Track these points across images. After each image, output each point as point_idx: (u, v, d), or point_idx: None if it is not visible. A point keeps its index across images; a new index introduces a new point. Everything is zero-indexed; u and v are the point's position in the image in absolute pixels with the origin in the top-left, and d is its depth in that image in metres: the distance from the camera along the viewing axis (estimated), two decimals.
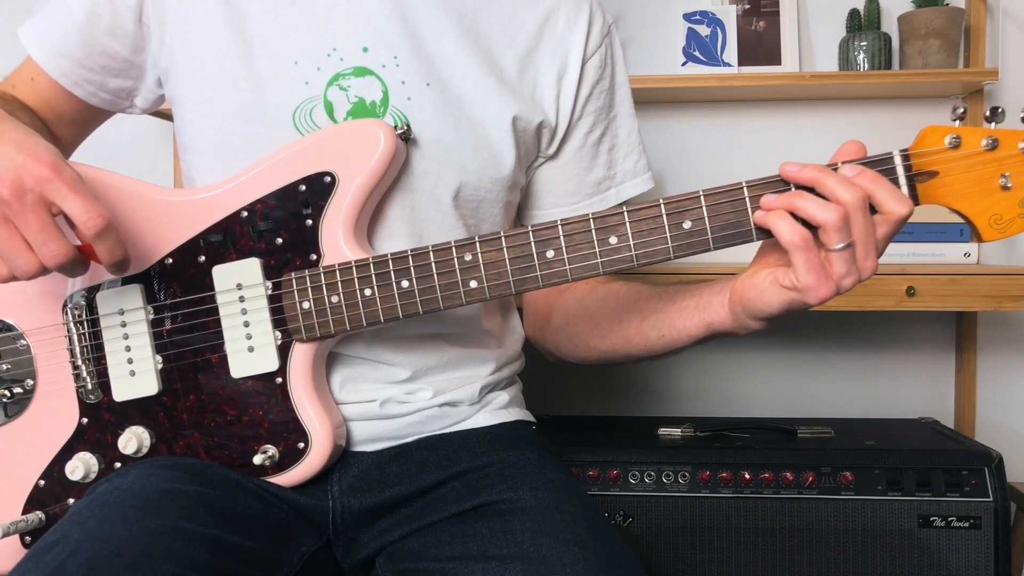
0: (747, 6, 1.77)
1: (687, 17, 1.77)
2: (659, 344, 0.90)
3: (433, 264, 0.79)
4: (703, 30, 1.76)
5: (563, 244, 0.77)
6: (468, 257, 0.79)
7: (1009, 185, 0.72)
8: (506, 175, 0.92)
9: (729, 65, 1.76)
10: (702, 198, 0.75)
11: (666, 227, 0.76)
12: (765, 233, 0.75)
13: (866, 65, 1.70)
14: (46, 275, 0.73)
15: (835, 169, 0.73)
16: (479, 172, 0.90)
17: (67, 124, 0.99)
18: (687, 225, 0.75)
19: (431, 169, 0.88)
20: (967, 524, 1.27)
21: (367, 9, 0.88)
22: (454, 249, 0.79)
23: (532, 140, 0.95)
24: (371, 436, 0.89)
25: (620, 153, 1.01)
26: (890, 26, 1.76)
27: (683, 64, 1.77)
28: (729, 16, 1.76)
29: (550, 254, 0.77)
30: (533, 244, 0.77)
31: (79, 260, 0.73)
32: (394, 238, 0.88)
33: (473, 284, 0.79)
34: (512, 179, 0.93)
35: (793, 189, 0.74)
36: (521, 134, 0.92)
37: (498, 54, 0.92)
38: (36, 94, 0.96)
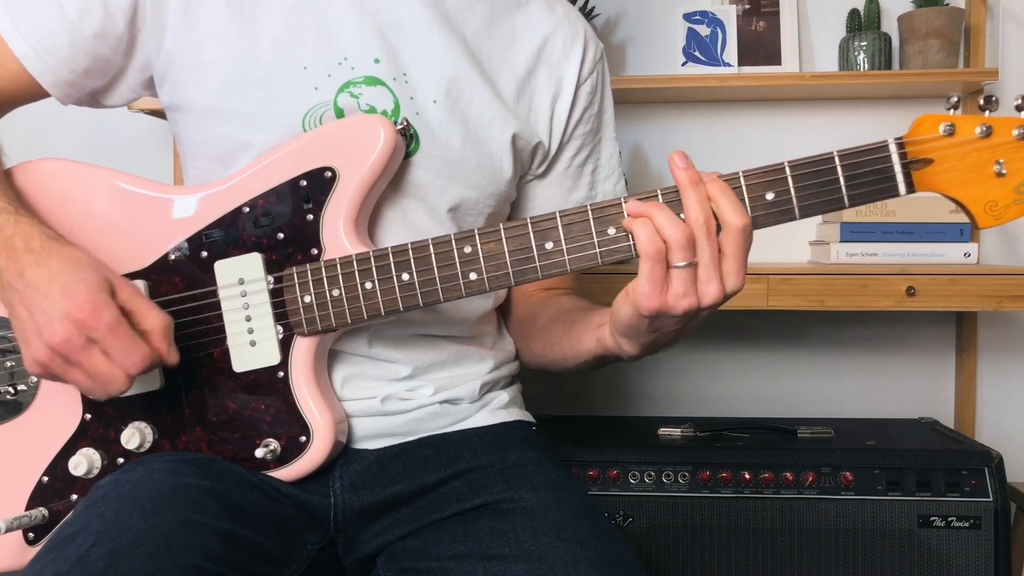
0: (747, 6, 1.77)
1: (687, 17, 1.77)
2: (571, 354, 0.91)
3: (433, 256, 0.80)
4: (703, 30, 1.76)
5: (562, 236, 0.77)
6: (468, 249, 0.79)
7: (1004, 171, 0.72)
8: (504, 191, 0.95)
9: (729, 65, 1.76)
10: None
11: None
12: None
13: (866, 65, 1.70)
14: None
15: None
16: (480, 187, 0.93)
17: (7, 108, 0.94)
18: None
19: (435, 183, 0.90)
20: (967, 524, 1.27)
21: (378, 23, 0.89)
22: (454, 242, 0.79)
23: (527, 158, 0.98)
24: (373, 433, 0.90)
25: (602, 175, 1.05)
26: (890, 26, 1.76)
27: (683, 64, 1.77)
28: (729, 16, 1.77)
29: (549, 246, 0.77)
30: (532, 236, 0.78)
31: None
32: (390, 244, 0.88)
33: (473, 276, 0.79)
34: (507, 194, 0.97)
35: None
36: (519, 152, 0.95)
37: (498, 76, 0.94)
38: None
